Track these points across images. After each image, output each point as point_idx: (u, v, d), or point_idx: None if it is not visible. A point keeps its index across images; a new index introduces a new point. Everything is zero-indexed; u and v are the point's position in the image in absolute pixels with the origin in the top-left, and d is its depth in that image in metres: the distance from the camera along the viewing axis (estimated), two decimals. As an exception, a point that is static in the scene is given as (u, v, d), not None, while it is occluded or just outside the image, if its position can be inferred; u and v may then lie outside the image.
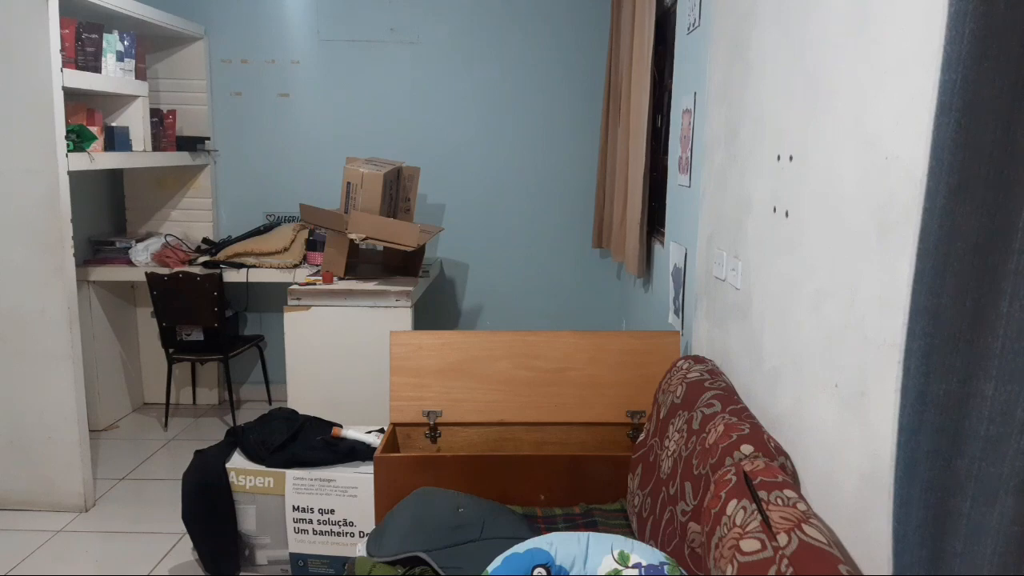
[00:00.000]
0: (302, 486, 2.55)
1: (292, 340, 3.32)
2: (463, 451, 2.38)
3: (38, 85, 2.83)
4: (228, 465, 2.58)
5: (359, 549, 1.97)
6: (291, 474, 2.55)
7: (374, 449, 2.56)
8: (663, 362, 2.38)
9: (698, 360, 2.06)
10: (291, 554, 2.60)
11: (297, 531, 2.58)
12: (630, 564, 1.47)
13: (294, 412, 2.87)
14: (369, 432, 2.69)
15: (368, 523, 2.54)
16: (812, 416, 1.41)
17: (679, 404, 1.90)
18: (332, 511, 2.56)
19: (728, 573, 1.22)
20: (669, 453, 1.84)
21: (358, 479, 2.53)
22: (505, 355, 2.39)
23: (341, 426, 2.70)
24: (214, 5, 4.09)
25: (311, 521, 2.57)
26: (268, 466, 2.57)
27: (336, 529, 2.57)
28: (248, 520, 2.59)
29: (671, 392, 1.99)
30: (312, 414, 3.12)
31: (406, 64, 4.16)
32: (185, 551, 2.77)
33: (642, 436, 2.16)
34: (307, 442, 2.62)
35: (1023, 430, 0.81)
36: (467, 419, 2.40)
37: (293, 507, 2.56)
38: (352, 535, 2.56)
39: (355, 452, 2.60)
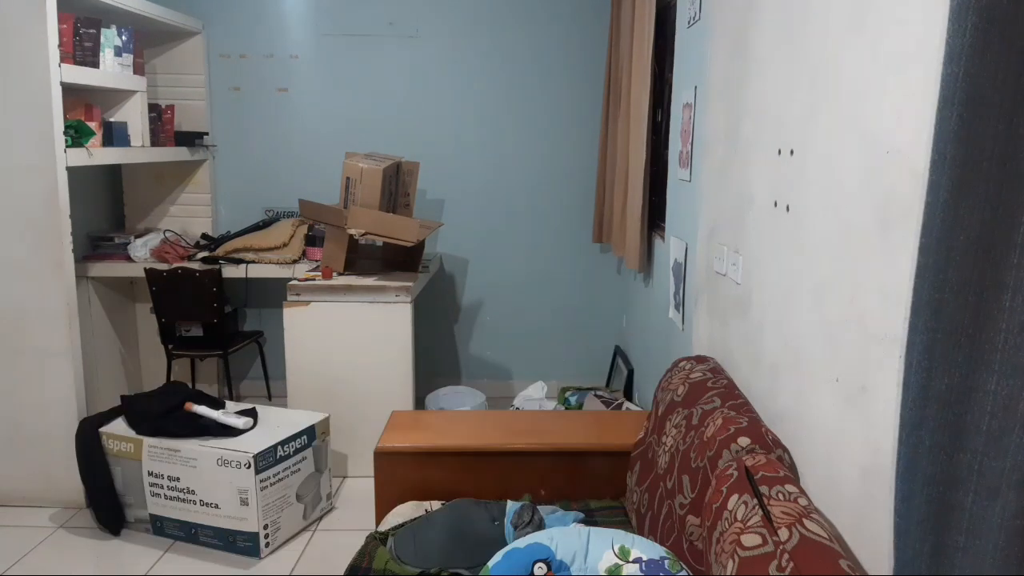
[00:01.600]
0: (155, 453, 2.76)
1: (291, 336, 3.31)
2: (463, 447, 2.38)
3: (36, 80, 2.82)
4: (102, 429, 2.84)
5: (391, 542, 1.96)
6: (147, 441, 2.77)
7: (225, 427, 2.78)
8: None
9: (700, 360, 2.05)
10: (150, 515, 2.83)
11: (152, 494, 2.80)
12: (631, 559, 1.47)
13: (183, 387, 3.12)
14: (233, 413, 2.86)
15: (209, 494, 2.71)
16: (813, 411, 1.41)
17: (679, 402, 1.90)
18: (178, 479, 2.75)
19: (729, 568, 1.22)
20: (666, 448, 1.83)
21: (199, 451, 2.70)
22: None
23: (193, 402, 2.91)
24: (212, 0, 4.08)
25: (162, 487, 2.78)
26: (138, 433, 2.79)
27: (182, 496, 2.76)
28: (117, 481, 2.86)
29: (671, 390, 1.99)
30: (311, 409, 3.12)
31: (405, 58, 4.15)
32: (183, 546, 2.78)
33: (641, 434, 2.16)
34: (176, 416, 2.83)
35: (1025, 424, 0.81)
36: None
37: (148, 472, 2.78)
38: (195, 503, 2.74)
39: (208, 429, 2.78)
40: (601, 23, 4.03)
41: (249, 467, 2.63)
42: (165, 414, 2.82)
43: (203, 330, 3.77)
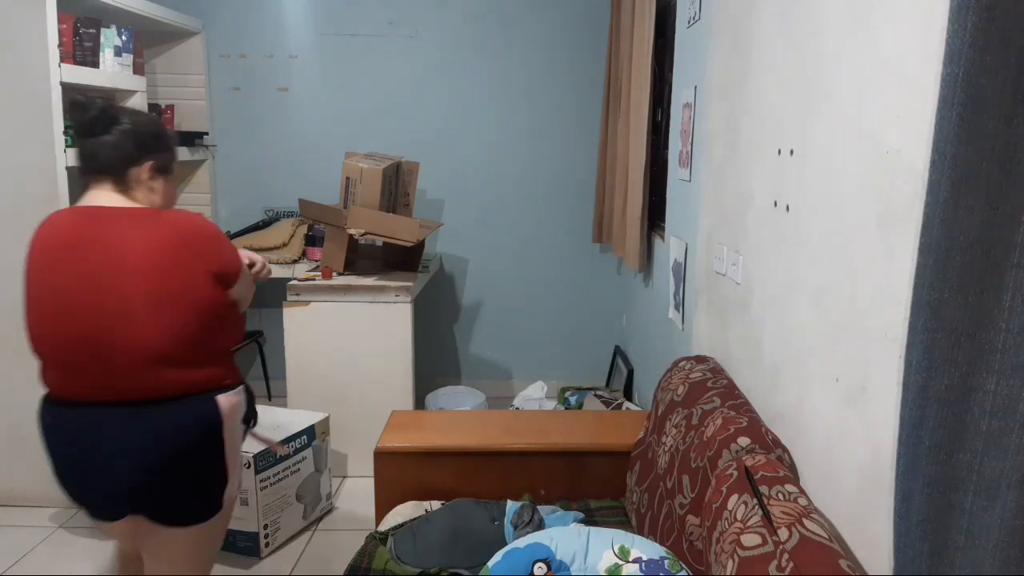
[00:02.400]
0: None
1: (291, 335, 3.31)
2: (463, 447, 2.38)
3: (36, 80, 2.82)
4: None
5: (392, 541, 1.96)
6: None
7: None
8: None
9: (700, 360, 2.05)
10: None
11: None
12: (630, 559, 1.47)
13: None
14: None
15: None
16: (813, 411, 1.41)
17: (679, 402, 1.90)
18: None
19: (729, 568, 1.22)
20: (666, 448, 1.83)
21: None
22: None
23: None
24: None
25: None
26: None
27: None
28: None
29: (671, 390, 1.99)
30: (311, 409, 3.12)
31: (405, 58, 4.15)
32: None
33: (640, 434, 2.16)
34: None
35: (1025, 424, 0.81)
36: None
37: None
38: None
39: None
40: (601, 23, 4.03)
41: (249, 467, 2.63)
42: None
43: (203, 330, 3.77)
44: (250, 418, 1.85)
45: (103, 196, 1.72)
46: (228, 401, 1.70)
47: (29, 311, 1.74)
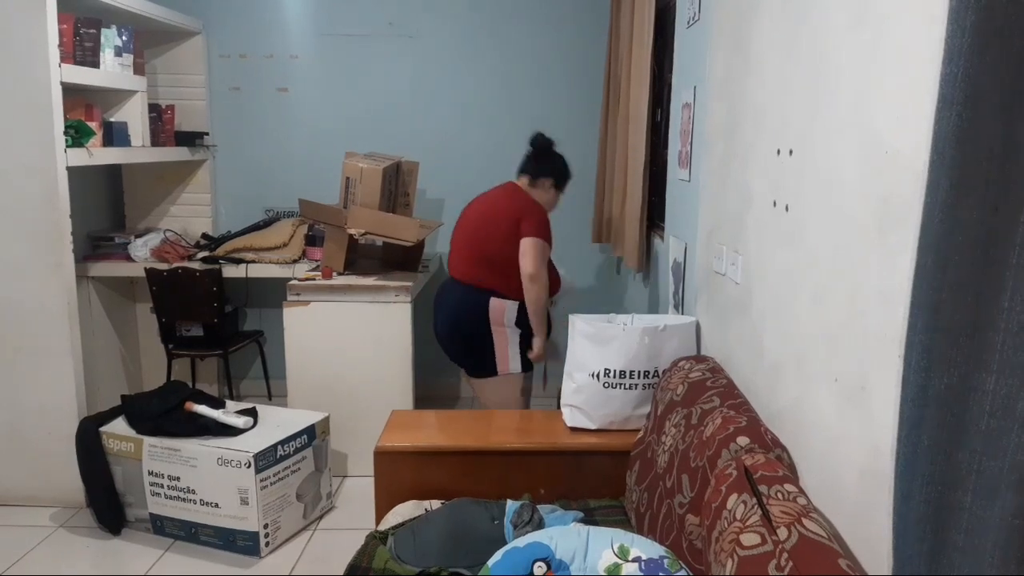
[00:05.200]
0: (155, 453, 2.77)
1: (291, 335, 3.31)
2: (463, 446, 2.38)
3: (36, 80, 2.82)
4: (103, 429, 2.85)
5: (393, 542, 1.96)
6: (148, 441, 2.77)
7: (225, 426, 2.77)
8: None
9: (700, 359, 2.05)
10: (150, 514, 2.83)
11: (153, 493, 2.81)
12: (630, 558, 1.47)
13: (184, 386, 3.11)
14: (233, 413, 2.84)
15: (209, 493, 2.72)
16: (812, 410, 1.41)
17: (678, 401, 1.90)
18: (178, 478, 2.75)
19: (728, 567, 1.23)
20: (666, 448, 1.84)
21: (199, 451, 2.71)
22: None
23: (193, 401, 2.89)
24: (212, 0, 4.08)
25: (163, 486, 2.78)
26: (139, 433, 2.78)
27: (182, 495, 2.76)
28: (117, 481, 2.86)
29: (671, 389, 1.99)
30: (311, 408, 3.12)
31: (405, 58, 4.15)
32: (184, 546, 2.78)
33: (640, 434, 2.16)
34: (176, 415, 2.83)
35: (1024, 424, 0.81)
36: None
37: (148, 471, 2.77)
38: (195, 502, 2.75)
39: (208, 428, 2.78)
40: (601, 23, 4.03)
41: (249, 466, 2.63)
42: (165, 413, 2.82)
43: (203, 330, 3.77)
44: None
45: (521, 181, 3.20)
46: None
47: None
